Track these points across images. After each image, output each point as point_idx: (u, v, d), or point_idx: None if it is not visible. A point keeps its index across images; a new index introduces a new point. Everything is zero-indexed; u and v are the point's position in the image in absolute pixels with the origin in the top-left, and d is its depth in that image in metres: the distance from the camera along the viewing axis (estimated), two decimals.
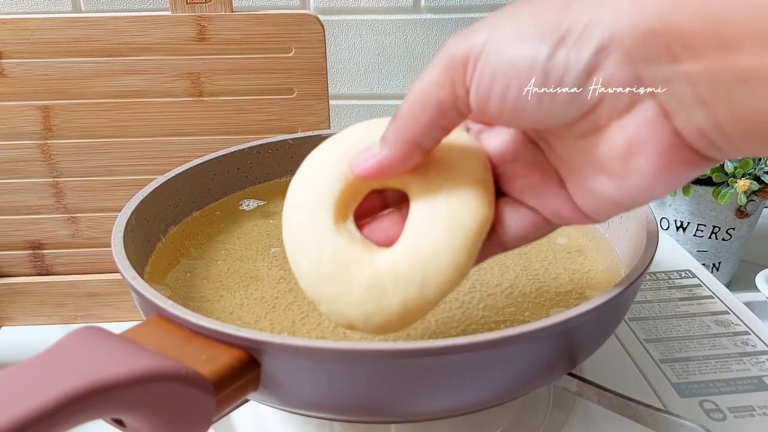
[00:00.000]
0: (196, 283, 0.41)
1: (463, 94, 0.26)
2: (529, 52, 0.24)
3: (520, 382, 0.34)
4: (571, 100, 0.24)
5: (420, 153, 0.28)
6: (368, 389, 0.31)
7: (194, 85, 0.56)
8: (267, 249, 0.45)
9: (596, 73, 0.23)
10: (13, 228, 0.58)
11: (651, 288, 0.56)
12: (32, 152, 0.56)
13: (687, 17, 0.22)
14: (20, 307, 0.60)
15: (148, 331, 0.32)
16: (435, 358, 0.30)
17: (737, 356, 0.48)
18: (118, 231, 0.39)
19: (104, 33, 0.54)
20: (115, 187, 0.58)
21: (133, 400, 0.27)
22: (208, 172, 0.50)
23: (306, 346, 0.29)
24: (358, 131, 0.32)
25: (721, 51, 0.21)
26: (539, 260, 0.44)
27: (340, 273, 0.30)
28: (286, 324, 0.37)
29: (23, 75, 0.55)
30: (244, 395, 0.31)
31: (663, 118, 0.24)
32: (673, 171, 0.25)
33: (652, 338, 0.50)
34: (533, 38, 0.24)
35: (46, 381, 0.26)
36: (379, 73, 0.84)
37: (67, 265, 0.60)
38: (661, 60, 0.23)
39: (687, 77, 0.22)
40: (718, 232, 0.65)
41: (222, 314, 0.38)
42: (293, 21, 0.55)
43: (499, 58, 0.24)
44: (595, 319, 0.33)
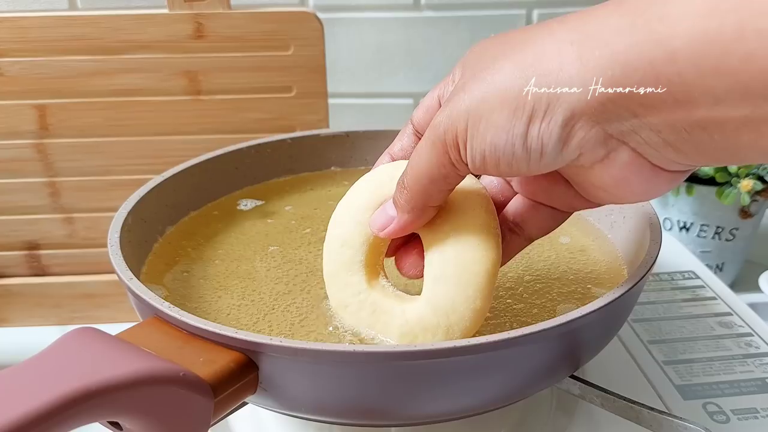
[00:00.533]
0: (194, 284, 0.41)
1: (463, 166, 0.29)
2: (506, 137, 0.27)
3: (522, 385, 0.33)
4: (554, 161, 0.27)
5: (432, 211, 0.32)
6: (368, 392, 0.31)
7: (192, 83, 0.56)
8: (265, 249, 0.45)
9: (569, 141, 0.26)
10: (9, 228, 0.58)
11: (654, 289, 0.56)
12: (28, 152, 0.56)
13: (638, 81, 0.24)
14: (16, 308, 0.59)
15: (145, 332, 0.31)
16: (436, 360, 0.30)
17: (741, 358, 0.47)
18: (115, 231, 0.39)
19: (101, 31, 0.54)
20: (111, 187, 0.57)
21: (129, 402, 0.27)
22: (205, 172, 0.50)
23: (305, 349, 0.29)
24: (362, 195, 0.35)
25: (676, 106, 0.24)
26: (542, 260, 0.43)
27: (377, 323, 0.34)
28: (284, 326, 0.36)
29: (19, 74, 0.54)
30: (242, 398, 0.31)
31: (639, 158, 0.26)
32: (659, 186, 0.28)
33: (655, 340, 0.49)
34: (506, 120, 0.26)
35: (41, 384, 0.25)
36: (379, 71, 0.83)
37: (64, 266, 0.59)
38: (623, 118, 0.25)
39: (650, 127, 0.25)
40: (721, 232, 0.65)
41: (219, 316, 0.38)
42: (292, 18, 0.55)
43: (483, 142, 0.27)
44: (598, 320, 0.33)
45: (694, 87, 0.23)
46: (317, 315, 0.37)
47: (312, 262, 0.43)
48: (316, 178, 0.55)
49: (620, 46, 0.24)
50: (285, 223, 0.48)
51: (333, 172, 0.56)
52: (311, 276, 0.41)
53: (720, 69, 0.22)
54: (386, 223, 0.32)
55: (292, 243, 0.45)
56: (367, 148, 0.56)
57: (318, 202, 0.51)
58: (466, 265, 0.32)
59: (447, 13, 0.80)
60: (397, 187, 0.32)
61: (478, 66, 0.28)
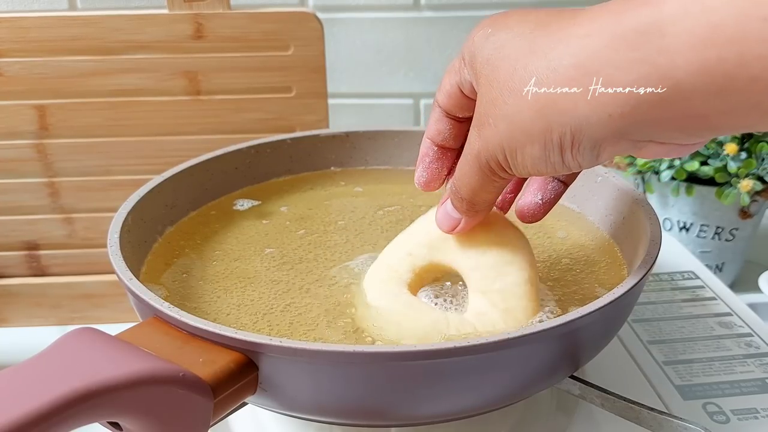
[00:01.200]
0: (193, 284, 0.41)
1: (510, 175, 0.32)
2: (545, 163, 0.29)
3: (522, 385, 0.33)
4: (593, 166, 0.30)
5: (484, 212, 0.35)
6: (368, 392, 0.31)
7: (191, 83, 0.56)
8: (263, 249, 0.45)
9: (602, 155, 0.29)
10: (9, 228, 0.58)
11: (654, 289, 0.56)
12: (28, 152, 0.56)
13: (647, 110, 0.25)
14: (15, 309, 0.59)
15: (144, 332, 0.31)
16: (436, 360, 0.29)
17: (741, 358, 0.47)
18: (115, 231, 0.39)
19: (101, 31, 0.54)
20: (111, 187, 0.57)
21: (129, 403, 0.27)
22: (205, 172, 0.50)
23: (305, 349, 0.29)
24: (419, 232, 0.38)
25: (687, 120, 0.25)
26: (540, 260, 0.43)
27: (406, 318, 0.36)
28: (283, 326, 0.36)
29: (19, 74, 0.54)
30: (242, 398, 0.31)
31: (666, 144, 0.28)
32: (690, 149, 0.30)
33: (655, 340, 0.49)
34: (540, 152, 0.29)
35: (41, 384, 0.25)
36: (379, 71, 0.83)
37: (63, 266, 0.59)
38: (642, 133, 0.27)
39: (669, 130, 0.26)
40: (721, 232, 0.65)
41: (219, 316, 0.38)
42: (292, 19, 0.55)
43: (525, 167, 0.30)
44: (597, 320, 0.33)
45: (702, 107, 0.24)
46: (317, 314, 0.37)
47: (311, 261, 0.43)
48: (316, 178, 0.55)
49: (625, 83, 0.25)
50: (283, 223, 0.48)
51: (332, 172, 0.56)
52: (310, 276, 0.41)
53: (726, 90, 0.23)
54: (454, 225, 0.36)
55: (291, 243, 0.45)
56: (367, 148, 0.56)
57: (316, 202, 0.51)
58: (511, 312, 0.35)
59: (447, 13, 0.80)
60: (454, 197, 0.35)
61: (495, 80, 0.30)
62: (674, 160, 0.61)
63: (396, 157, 0.56)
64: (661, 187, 0.65)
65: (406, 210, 0.50)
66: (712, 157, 0.61)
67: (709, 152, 0.60)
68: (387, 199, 0.51)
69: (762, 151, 0.59)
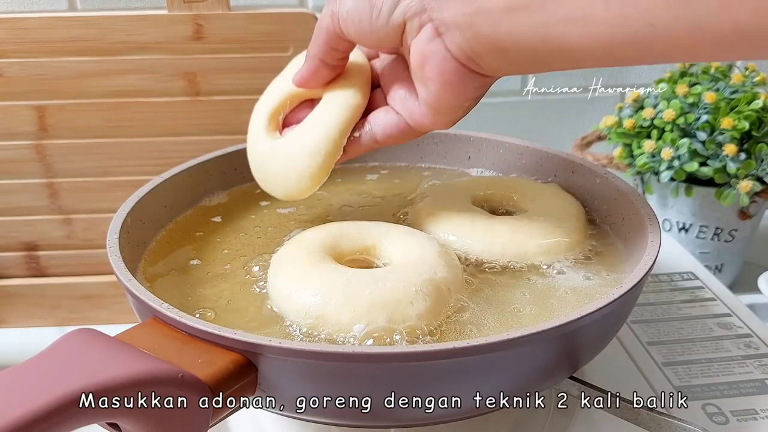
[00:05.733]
0: (192, 285, 0.41)
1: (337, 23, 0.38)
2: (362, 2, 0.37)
3: (521, 386, 0.33)
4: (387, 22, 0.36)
5: (326, 69, 0.42)
6: (367, 393, 0.31)
7: (191, 84, 0.56)
8: (264, 249, 0.44)
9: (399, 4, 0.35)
10: (8, 229, 0.58)
11: (653, 290, 0.56)
12: (27, 152, 0.56)
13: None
14: (14, 309, 0.59)
15: (143, 333, 0.31)
16: (435, 361, 0.29)
17: (740, 359, 0.47)
18: (114, 232, 0.39)
19: (100, 32, 0.54)
20: (110, 188, 0.57)
21: (128, 403, 0.27)
22: (204, 173, 0.50)
23: (304, 350, 0.29)
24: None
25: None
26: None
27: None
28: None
29: (18, 74, 0.54)
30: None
31: (437, 37, 0.35)
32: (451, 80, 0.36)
33: (654, 341, 0.49)
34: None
35: (40, 385, 0.25)
36: None
37: (62, 267, 0.59)
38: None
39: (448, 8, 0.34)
40: (720, 233, 0.65)
41: (218, 316, 0.37)
42: (291, 20, 0.55)
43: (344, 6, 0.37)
44: (597, 321, 0.33)
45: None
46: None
47: None
48: None
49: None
50: (283, 222, 0.48)
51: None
52: None
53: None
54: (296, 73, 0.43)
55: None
56: None
57: (316, 201, 0.51)
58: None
59: None
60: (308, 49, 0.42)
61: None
62: (674, 160, 0.61)
63: (396, 157, 0.57)
64: (661, 188, 0.65)
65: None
66: (711, 158, 0.61)
67: (709, 153, 0.60)
68: (393, 192, 0.52)
69: (761, 152, 0.59)
